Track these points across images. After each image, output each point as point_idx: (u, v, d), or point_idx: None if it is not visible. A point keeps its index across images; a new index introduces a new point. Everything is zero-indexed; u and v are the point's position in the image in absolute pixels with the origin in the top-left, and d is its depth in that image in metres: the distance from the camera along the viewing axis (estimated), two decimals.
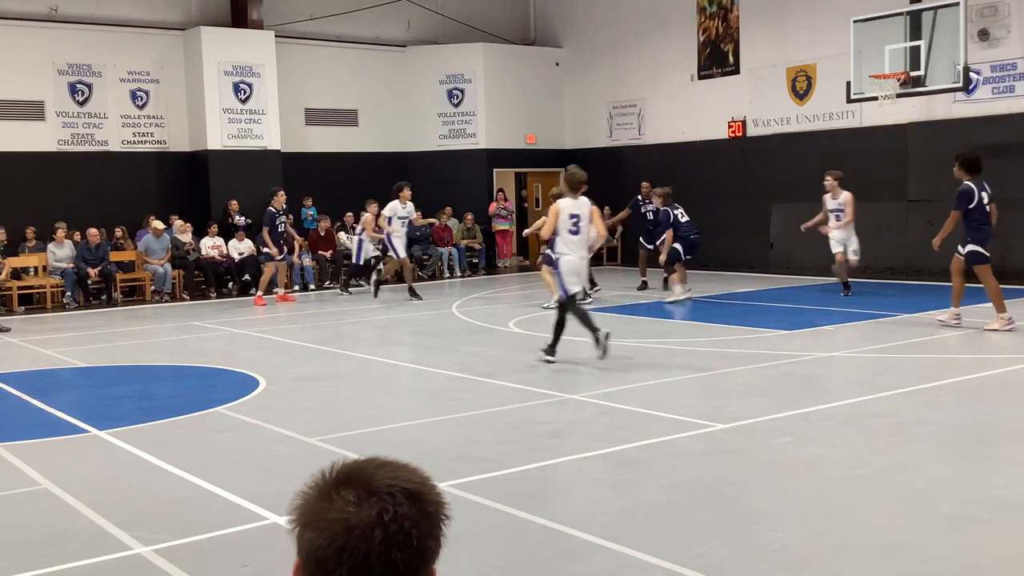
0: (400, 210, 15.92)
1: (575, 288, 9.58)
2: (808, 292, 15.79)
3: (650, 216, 16.31)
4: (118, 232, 17.82)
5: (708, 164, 19.90)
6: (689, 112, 20.55)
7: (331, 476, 1.40)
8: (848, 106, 17.24)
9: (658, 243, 15.31)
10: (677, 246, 14.69)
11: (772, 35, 19.08)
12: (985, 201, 11.00)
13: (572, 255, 9.50)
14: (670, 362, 9.90)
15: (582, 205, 9.46)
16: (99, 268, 16.74)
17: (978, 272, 10.96)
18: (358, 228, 17.24)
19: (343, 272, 18.24)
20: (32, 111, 17.91)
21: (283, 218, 16.34)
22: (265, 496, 5.60)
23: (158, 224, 17.49)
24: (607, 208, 22.14)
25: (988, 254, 11.02)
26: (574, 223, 9.41)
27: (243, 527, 5.20)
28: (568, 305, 9.57)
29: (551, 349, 9.69)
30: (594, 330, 9.31)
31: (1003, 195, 16.08)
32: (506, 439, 6.98)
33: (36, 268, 16.94)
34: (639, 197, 16.78)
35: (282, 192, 16.20)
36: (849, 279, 14.69)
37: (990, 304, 10.97)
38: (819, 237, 17.13)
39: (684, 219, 14.88)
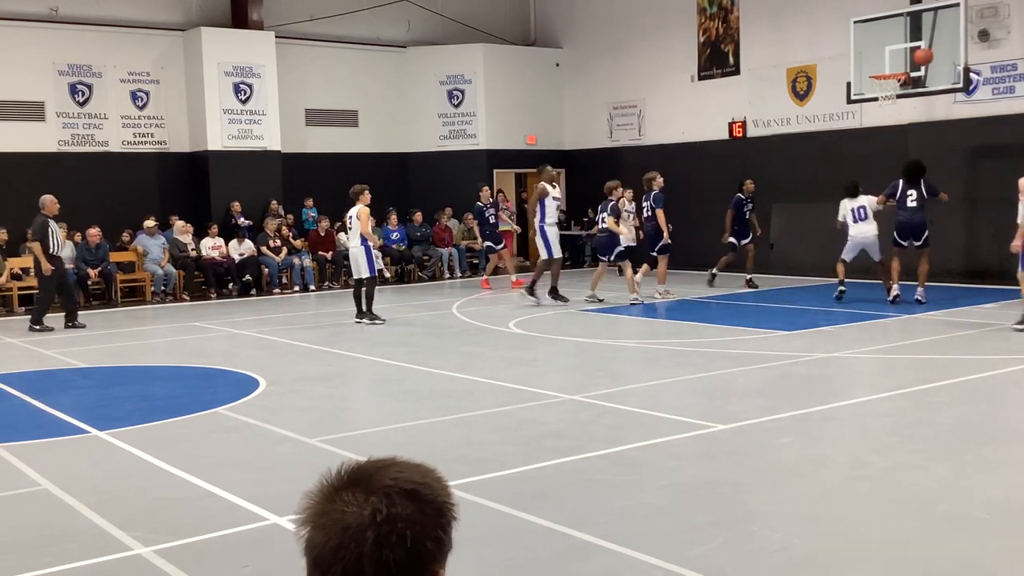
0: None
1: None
2: (808, 292, 15.78)
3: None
4: (125, 237, 17.76)
5: (708, 165, 19.88)
6: (689, 113, 20.53)
7: (337, 476, 1.41)
8: (848, 107, 17.21)
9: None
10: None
11: (772, 36, 19.07)
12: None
13: (353, 248, 13.30)
14: (670, 362, 9.91)
15: (353, 210, 13.23)
16: (99, 269, 16.74)
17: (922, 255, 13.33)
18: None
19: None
20: (32, 112, 17.91)
21: (491, 211, 18.10)
22: (265, 497, 5.60)
23: (150, 222, 17.50)
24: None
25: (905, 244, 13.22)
26: (350, 222, 13.36)
27: (243, 527, 5.20)
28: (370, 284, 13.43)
29: (370, 315, 13.24)
30: (359, 310, 13.25)
31: (1003, 195, 16.12)
32: (506, 439, 6.98)
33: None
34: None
35: (487, 187, 17.98)
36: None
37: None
38: (819, 238, 17.08)
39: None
